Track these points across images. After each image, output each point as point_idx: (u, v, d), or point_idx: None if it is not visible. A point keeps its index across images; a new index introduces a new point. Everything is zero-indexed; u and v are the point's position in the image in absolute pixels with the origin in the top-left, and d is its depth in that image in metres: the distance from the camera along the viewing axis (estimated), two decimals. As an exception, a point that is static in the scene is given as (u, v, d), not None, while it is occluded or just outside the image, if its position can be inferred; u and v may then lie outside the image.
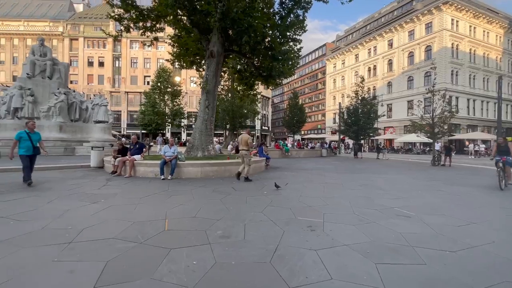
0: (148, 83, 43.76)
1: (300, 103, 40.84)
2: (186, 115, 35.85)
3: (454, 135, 31.49)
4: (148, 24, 10.92)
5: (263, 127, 53.16)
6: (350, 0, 11.02)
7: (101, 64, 48.12)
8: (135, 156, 8.59)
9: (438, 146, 18.43)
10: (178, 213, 4.33)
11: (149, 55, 47.75)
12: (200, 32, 10.73)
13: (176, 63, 13.30)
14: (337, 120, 39.25)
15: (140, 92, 43.77)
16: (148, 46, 45.08)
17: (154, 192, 5.98)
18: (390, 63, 42.02)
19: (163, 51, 40.56)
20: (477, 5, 37.48)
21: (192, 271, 2.40)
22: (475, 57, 37.25)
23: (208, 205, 4.92)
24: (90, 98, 21.30)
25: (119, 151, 9.05)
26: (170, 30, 13.57)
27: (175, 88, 33.55)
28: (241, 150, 8.10)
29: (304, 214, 4.37)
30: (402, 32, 39.82)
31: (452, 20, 35.16)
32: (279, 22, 11.29)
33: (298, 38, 12.12)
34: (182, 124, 37.43)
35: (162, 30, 11.38)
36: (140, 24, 10.76)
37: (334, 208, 4.82)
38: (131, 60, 48.28)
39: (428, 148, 32.07)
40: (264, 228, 3.64)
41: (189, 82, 46.76)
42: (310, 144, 42.12)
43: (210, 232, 3.42)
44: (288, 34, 11.68)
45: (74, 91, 20.09)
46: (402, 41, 39.74)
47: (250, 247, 2.99)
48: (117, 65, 48.33)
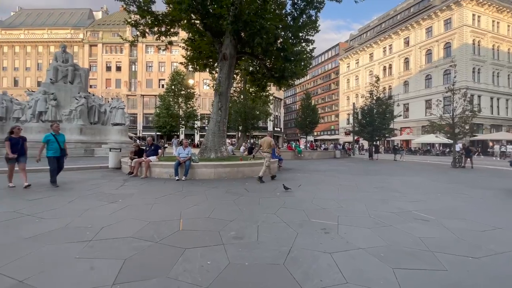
0: (162, 86, 44.91)
1: (312, 104, 40.42)
2: (199, 117, 36.42)
3: (476, 136, 29.98)
4: (163, 29, 11.20)
5: (275, 129, 53.00)
6: (363, -1, 10.80)
7: (118, 68, 49.91)
8: (151, 158, 8.83)
9: (458, 147, 17.64)
10: (192, 213, 4.40)
11: (163, 59, 49.00)
12: (213, 35, 10.89)
13: (190, 66, 13.55)
14: (351, 121, 38.47)
15: (155, 95, 44.99)
16: (163, 50, 46.13)
17: (169, 192, 6.11)
18: (407, 62, 40.73)
19: (177, 55, 41.44)
20: (500, -2, 35.68)
21: (206, 271, 2.43)
22: (499, 53, 35.40)
23: (221, 206, 4.97)
24: (108, 102, 22.11)
25: (135, 153, 9.33)
26: (183, 34, 13.86)
27: (188, 90, 34.24)
28: (264, 153, 8.35)
29: (318, 216, 4.32)
30: (419, 30, 38.53)
31: (473, 15, 33.63)
32: (291, 23, 11.25)
33: (311, 38, 12.01)
34: (195, 126, 38.07)
35: (176, 34, 11.64)
36: (155, 29, 11.05)
37: (348, 210, 4.73)
38: (147, 64, 49.76)
39: (448, 149, 30.76)
40: (277, 230, 3.63)
41: (202, 85, 47.51)
42: (323, 145, 41.56)
43: (223, 233, 3.45)
44: (300, 34, 11.61)
45: (94, 95, 20.96)
46: (419, 38, 38.44)
47: (263, 248, 2.99)
48: (133, 69, 49.96)
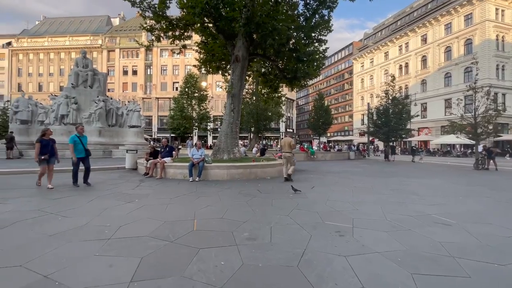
0: (176, 89, 45.91)
1: (325, 105, 39.91)
2: (212, 119, 36.88)
3: (501, 136, 28.43)
4: (177, 33, 11.46)
5: (288, 130, 52.72)
6: (378, -4, 10.56)
7: (134, 72, 51.58)
8: (166, 159, 9.03)
9: (481, 148, 16.80)
10: (206, 214, 4.45)
11: (177, 62, 50.10)
12: (225, 37, 11.02)
13: (203, 69, 13.77)
14: (365, 121, 37.56)
15: (169, 98, 46.06)
16: (177, 54, 47.53)
17: (183, 193, 6.22)
18: (424, 60, 39.33)
19: (191, 58, 42.24)
20: (527, -9, 33.69)
21: (220, 271, 2.45)
22: (526, 48, 33.42)
23: (234, 206, 5.00)
24: (125, 105, 22.85)
25: (150, 154, 9.58)
26: (197, 38, 14.12)
27: (201, 93, 34.79)
28: (284, 153, 8.53)
29: (332, 218, 4.24)
30: (437, 26, 37.13)
31: (497, 9, 31.99)
32: (303, 23, 11.18)
33: (324, 38, 11.88)
34: (208, 127, 38.57)
35: (189, 37, 11.87)
36: (170, 33, 11.33)
37: (364, 213, 4.62)
38: (161, 67, 51.08)
39: (469, 150, 29.36)
40: (290, 232, 3.60)
41: (215, 87, 48.13)
42: (336, 146, 40.89)
43: (236, 234, 3.46)
44: (313, 35, 11.52)
45: (111, 98, 21.75)
46: (438, 35, 37.03)
47: (277, 250, 2.98)
48: (148, 72, 51.44)
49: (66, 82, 23.15)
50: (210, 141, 43.89)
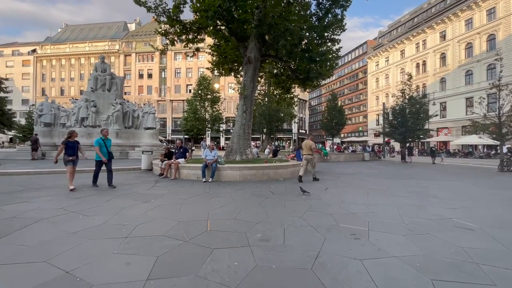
0: (190, 91, 46.77)
1: (339, 105, 39.25)
2: (224, 120, 37.23)
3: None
4: (190, 36, 11.67)
5: (300, 131, 52.29)
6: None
7: (149, 76, 53.05)
8: (179, 160, 9.20)
9: (506, 149, 15.92)
10: (219, 214, 4.49)
11: (190, 65, 51.03)
12: (237, 39, 11.10)
13: (216, 71, 13.94)
14: (380, 121, 36.55)
15: (183, 100, 46.98)
16: (190, 57, 48.36)
17: (197, 193, 6.31)
18: (443, 57, 37.79)
19: (203, 61, 42.89)
20: (556, -19, 31.63)
21: (234, 272, 2.46)
22: (556, 42, 31.34)
23: (247, 207, 5.01)
24: (141, 107, 23.53)
25: (165, 155, 9.79)
26: (209, 40, 14.31)
27: (214, 94, 35.25)
28: (305, 155, 8.79)
29: (347, 221, 4.16)
30: (457, 22, 35.59)
31: (523, 2, 30.23)
32: (316, 23, 11.07)
33: (337, 38, 11.70)
34: (221, 129, 38.97)
35: (202, 40, 12.06)
36: (183, 37, 11.56)
37: (380, 216, 4.49)
38: (175, 70, 52.22)
39: (493, 152, 27.88)
40: (304, 234, 3.56)
41: (227, 89, 48.57)
42: (350, 147, 40.08)
43: (249, 235, 3.47)
44: (325, 34, 11.38)
45: (128, 101, 22.46)
46: (458, 31, 35.48)
47: (290, 252, 2.96)
48: (163, 76, 52.74)
49: (86, 86, 24.15)
50: (222, 142, 44.31)
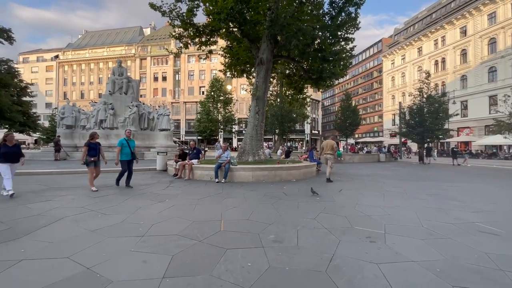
0: (203, 93, 47.48)
1: (353, 105, 38.50)
2: (237, 121, 37.48)
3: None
4: (203, 39, 11.86)
5: (313, 131, 51.67)
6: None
7: (164, 78, 54.37)
8: (193, 160, 9.35)
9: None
10: (232, 215, 4.52)
11: (203, 67, 51.82)
12: (250, 41, 11.16)
13: (228, 73, 14.08)
14: (397, 121, 35.45)
15: (196, 102, 47.74)
16: (203, 59, 49.18)
17: (210, 194, 6.38)
18: (464, 54, 36.16)
19: (216, 63, 43.40)
20: None
21: (247, 272, 2.47)
22: None
23: (260, 208, 5.01)
24: (156, 109, 24.16)
25: (179, 156, 9.99)
26: (222, 43, 14.48)
27: (226, 96, 35.60)
28: (326, 154, 8.86)
29: (362, 223, 4.07)
30: (479, 16, 33.97)
31: (552, -7, 28.45)
32: (329, 22, 10.92)
33: (350, 36, 11.47)
34: (233, 130, 39.26)
35: (215, 43, 12.23)
36: (197, 39, 11.76)
37: (397, 219, 4.36)
38: (189, 73, 53.21)
39: (520, 152, 26.34)
40: (317, 236, 3.52)
41: (239, 90, 48.87)
42: (365, 148, 39.16)
43: (263, 236, 3.47)
44: (339, 33, 11.18)
45: (143, 103, 23.11)
46: (480, 26, 33.84)
47: (304, 254, 2.93)
48: (177, 78, 53.89)
49: (104, 89, 25.09)
50: (235, 143, 44.56)
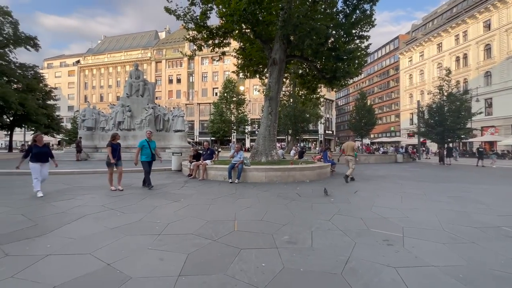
0: (216, 94, 48.09)
1: (368, 104, 37.53)
2: (250, 122, 37.62)
3: None
4: (217, 41, 12.02)
5: (327, 131, 50.91)
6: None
7: (178, 81, 55.64)
8: (207, 161, 9.48)
9: None
10: (246, 215, 4.55)
11: (216, 68, 52.50)
12: (262, 42, 11.18)
13: (241, 74, 14.18)
14: (415, 121, 34.19)
15: (210, 103, 48.40)
16: (217, 61, 49.83)
17: (224, 194, 6.45)
18: (488, 49, 34.33)
19: (229, 64, 43.85)
20: None
21: (261, 273, 2.47)
22: None
23: (274, 209, 5.00)
24: (171, 111, 24.69)
25: (194, 156, 10.17)
26: (235, 44, 14.61)
27: (239, 97, 35.84)
28: (347, 156, 9.29)
29: (379, 226, 3.96)
30: (504, 9, 32.12)
31: None
32: (343, 20, 10.73)
33: (365, 34, 11.21)
34: (246, 130, 39.43)
35: (228, 44, 12.36)
36: (210, 42, 11.94)
37: (416, 222, 4.20)
38: (202, 74, 54.10)
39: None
40: (332, 237, 3.47)
41: (252, 91, 49.05)
42: (381, 148, 38.11)
43: (276, 236, 3.46)
44: (353, 31, 10.96)
45: (159, 105, 23.71)
46: (506, 19, 31.98)
47: (319, 255, 2.89)
48: (191, 80, 54.94)
49: (122, 92, 25.96)
50: (248, 143, 44.73)
